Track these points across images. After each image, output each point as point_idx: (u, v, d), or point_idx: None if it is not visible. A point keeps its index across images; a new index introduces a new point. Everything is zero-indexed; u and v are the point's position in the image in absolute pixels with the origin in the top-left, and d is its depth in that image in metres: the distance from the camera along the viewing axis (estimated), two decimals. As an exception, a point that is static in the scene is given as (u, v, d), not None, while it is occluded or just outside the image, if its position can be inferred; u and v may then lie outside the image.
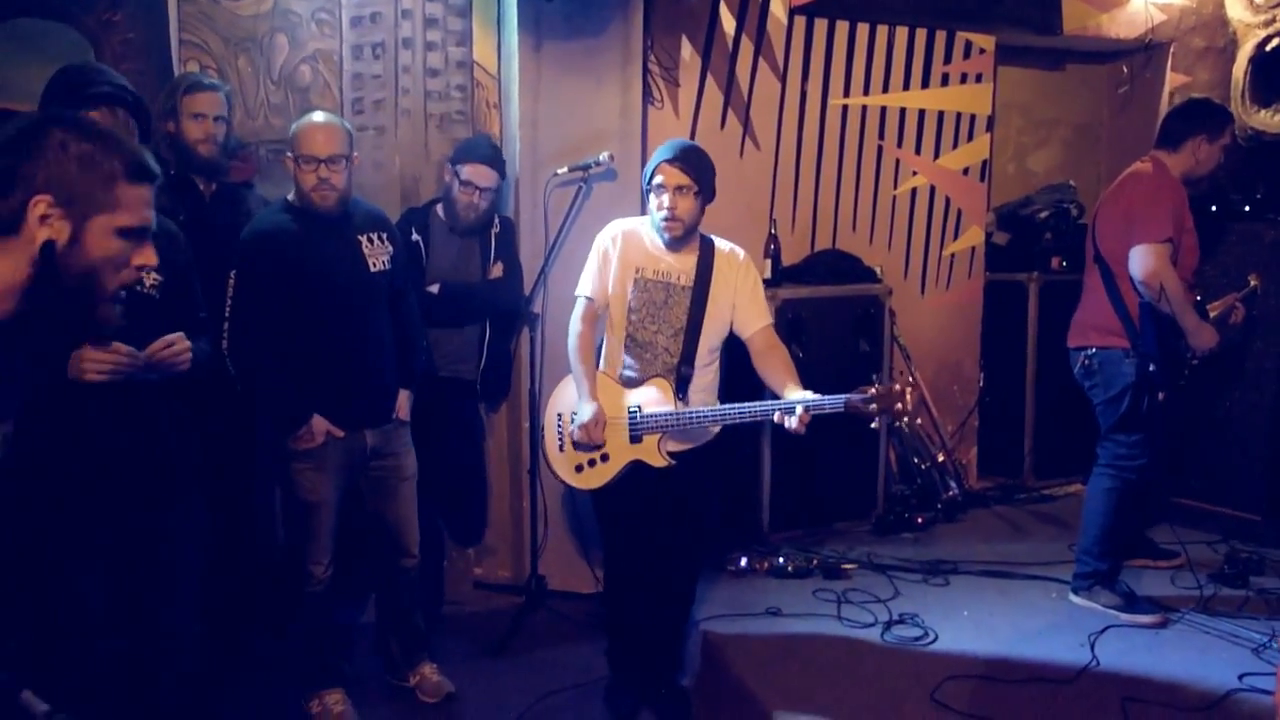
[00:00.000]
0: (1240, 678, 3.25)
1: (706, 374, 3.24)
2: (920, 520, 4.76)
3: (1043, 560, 4.31)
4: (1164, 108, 5.37)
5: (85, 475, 2.39)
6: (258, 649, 3.64)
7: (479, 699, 3.53)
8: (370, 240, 3.24)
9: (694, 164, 3.12)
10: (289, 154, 3.12)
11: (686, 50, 4.58)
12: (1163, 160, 3.85)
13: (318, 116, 3.16)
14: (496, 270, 3.93)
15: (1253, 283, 4.43)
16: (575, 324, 3.25)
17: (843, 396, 2.97)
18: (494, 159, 3.85)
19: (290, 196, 3.20)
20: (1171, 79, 5.60)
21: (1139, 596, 3.86)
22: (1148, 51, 5.67)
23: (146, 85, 3.67)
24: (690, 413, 3.14)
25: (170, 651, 2.59)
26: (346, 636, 3.62)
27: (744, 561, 4.22)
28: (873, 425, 3.07)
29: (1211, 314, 3.99)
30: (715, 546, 4.24)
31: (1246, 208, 4.95)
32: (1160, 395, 3.72)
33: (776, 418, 3.00)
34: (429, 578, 3.81)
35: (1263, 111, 5.25)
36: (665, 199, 3.10)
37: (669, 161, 3.11)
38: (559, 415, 3.28)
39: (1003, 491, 5.30)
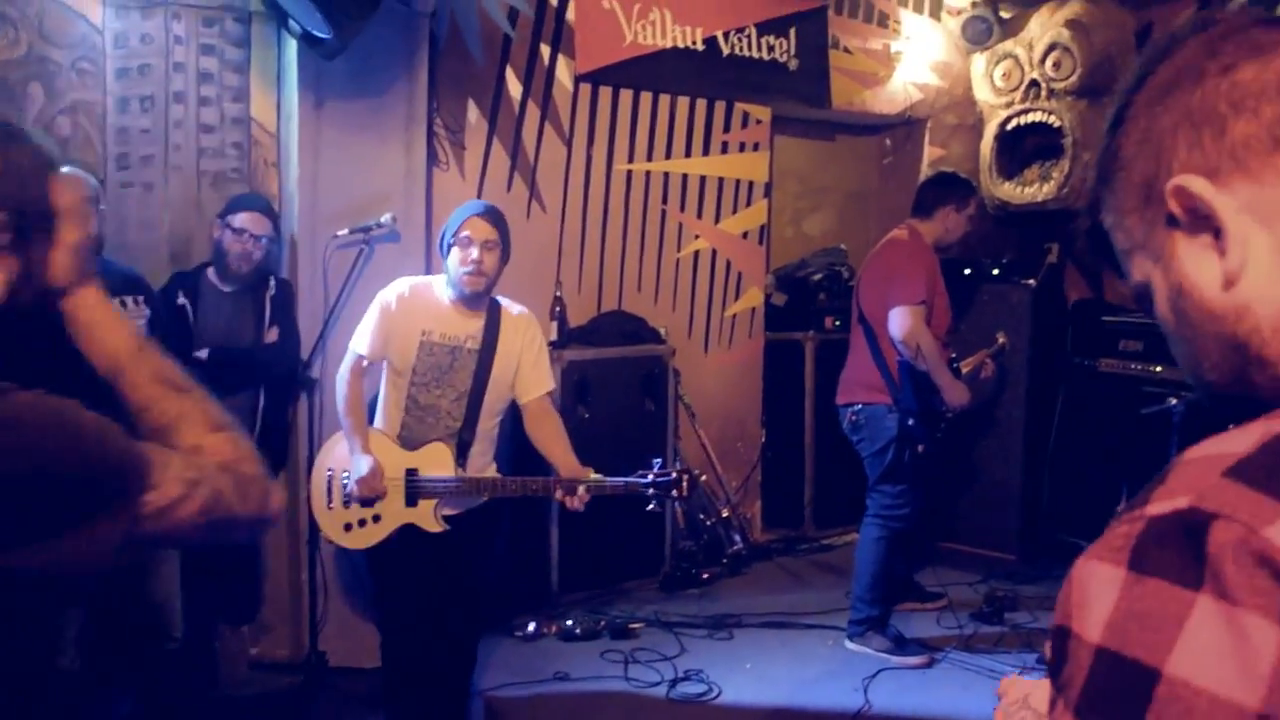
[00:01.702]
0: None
1: (487, 438, 3.25)
2: (706, 576, 4.87)
3: (822, 609, 4.50)
4: (923, 177, 5.79)
5: None
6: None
7: (252, 787, 3.35)
8: (123, 304, 3.09)
9: (501, 223, 3.17)
10: None
11: (473, 113, 4.62)
12: (917, 228, 4.15)
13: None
14: (271, 334, 3.80)
15: (1000, 340, 4.82)
16: (345, 376, 3.20)
17: (623, 479, 3.07)
18: (268, 209, 3.75)
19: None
20: (929, 152, 6.06)
21: (908, 639, 4.09)
22: (908, 126, 6.12)
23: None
24: (471, 480, 3.12)
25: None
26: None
27: (532, 626, 4.20)
28: (649, 508, 3.15)
29: (964, 370, 4.32)
30: (503, 611, 4.21)
31: (995, 271, 5.39)
32: (920, 447, 3.98)
33: (558, 495, 3.03)
34: (200, 660, 3.59)
35: (1007, 184, 5.75)
36: (474, 252, 3.09)
37: (479, 215, 3.14)
38: (329, 471, 3.21)
39: (786, 543, 5.50)
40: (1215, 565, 0.54)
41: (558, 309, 4.64)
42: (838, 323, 5.52)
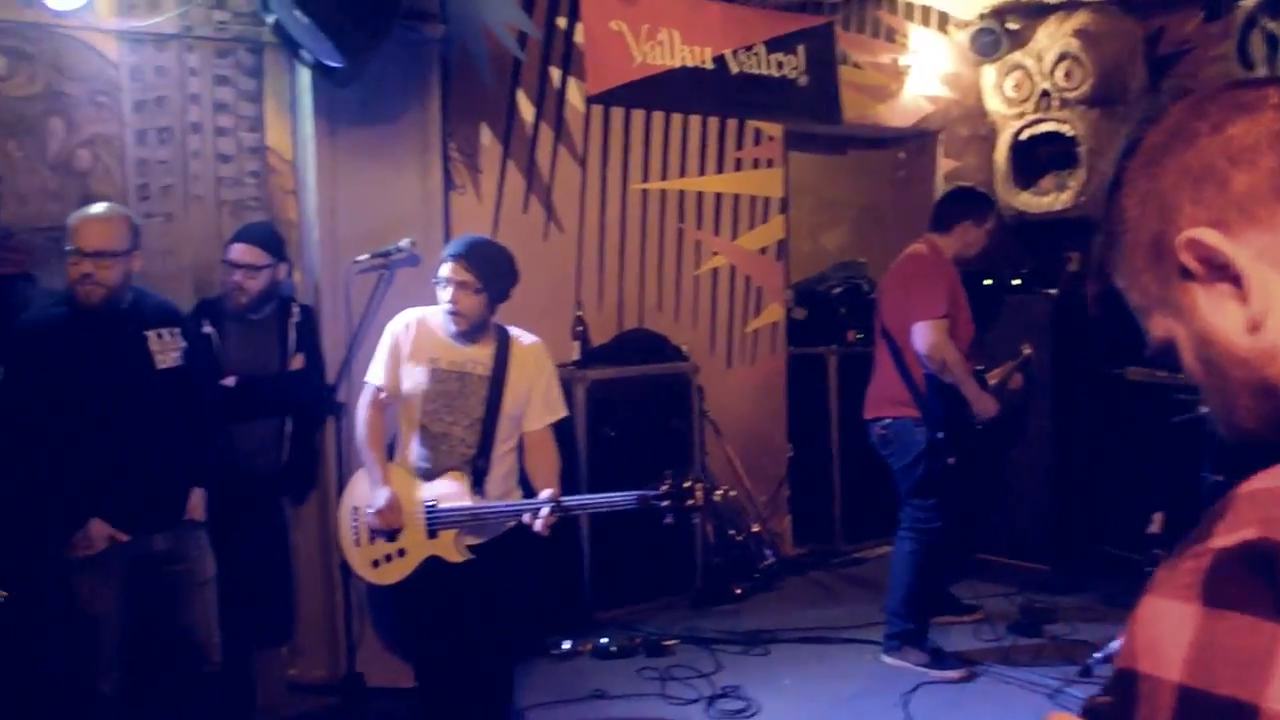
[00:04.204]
0: (1040, 723, 3.41)
1: (504, 464, 3.20)
2: (739, 591, 4.83)
3: (857, 623, 4.44)
4: (938, 189, 5.78)
5: None
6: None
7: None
8: (159, 336, 3.07)
9: (478, 262, 3.12)
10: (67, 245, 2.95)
11: (486, 137, 4.62)
12: (936, 242, 4.12)
13: (95, 208, 3.00)
14: (297, 361, 3.78)
15: (1026, 351, 4.77)
16: (362, 411, 3.21)
17: (635, 494, 3.03)
18: (259, 238, 3.69)
19: (69, 288, 3.01)
20: (943, 164, 6.06)
21: (946, 653, 4.02)
22: (921, 139, 6.12)
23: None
24: (488, 507, 3.08)
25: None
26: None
27: (567, 644, 4.16)
28: (666, 520, 3.09)
29: (991, 382, 4.27)
30: (537, 630, 4.16)
31: (1016, 281, 5.36)
32: (950, 460, 3.94)
33: (525, 518, 3.00)
34: (237, 682, 3.54)
35: (1023, 193, 5.74)
36: (448, 293, 3.09)
37: (454, 257, 3.12)
38: (354, 509, 3.19)
39: (817, 557, 5.45)
40: None
41: (579, 329, 4.63)
42: (860, 336, 5.49)
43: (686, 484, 3.07)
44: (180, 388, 3.12)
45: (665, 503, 3.04)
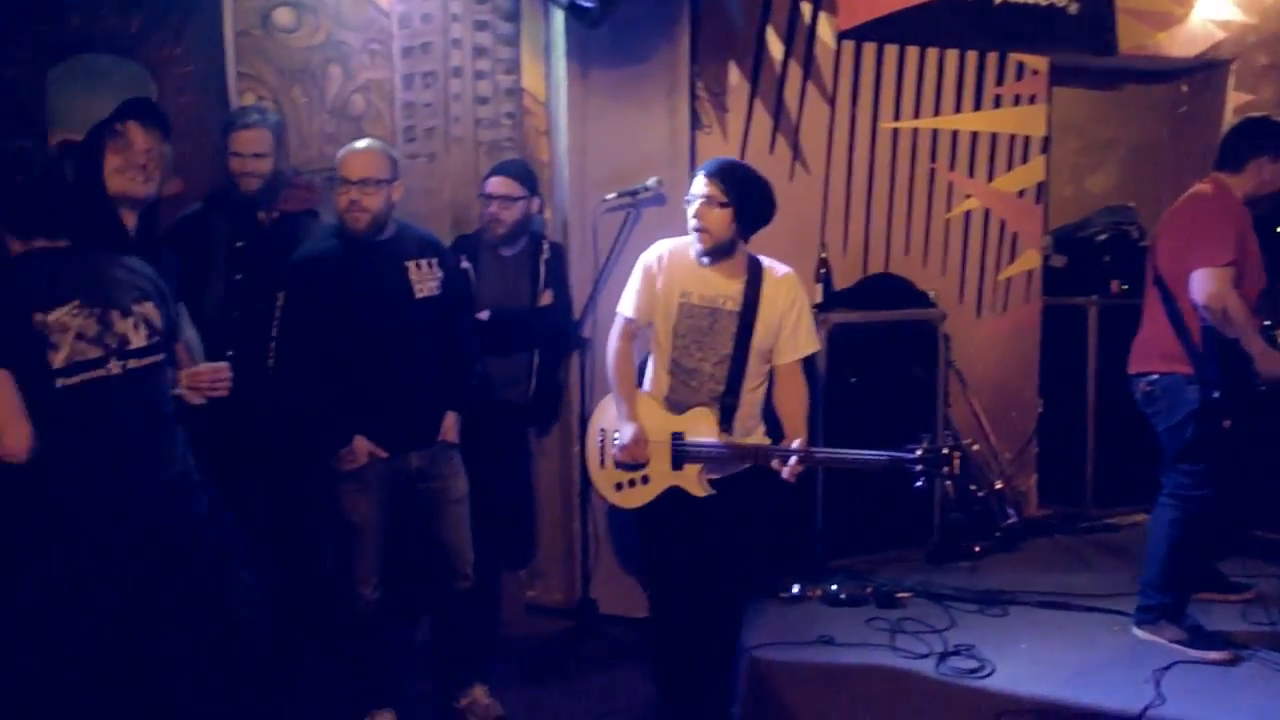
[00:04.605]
0: (1317, 718, 3.13)
1: (752, 399, 3.19)
2: (977, 549, 4.66)
3: (1105, 592, 4.19)
4: (1227, 127, 5.24)
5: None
6: (310, 667, 3.65)
7: (528, 724, 3.50)
8: (418, 266, 3.27)
9: (728, 178, 3.08)
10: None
11: (734, 75, 4.58)
12: (1224, 181, 3.74)
13: (358, 143, 3.24)
14: (546, 298, 3.94)
15: (1323, 306, 4.28)
16: (614, 341, 3.25)
17: (887, 454, 2.95)
18: (514, 171, 3.86)
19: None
20: (1234, 97, 5.49)
21: (1207, 631, 3.73)
22: (1208, 70, 5.56)
23: (204, 117, 3.77)
24: (735, 448, 3.09)
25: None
26: (398, 657, 3.62)
27: (796, 588, 4.16)
28: (916, 484, 2.99)
29: (1280, 339, 3.86)
30: (767, 572, 4.19)
31: (1316, 229, 4.80)
32: (1226, 423, 3.60)
33: (774, 464, 3.00)
34: (484, 600, 3.79)
35: (1332, 130, 5.10)
36: (695, 207, 3.09)
37: (703, 173, 3.12)
38: (601, 431, 3.28)
39: (1063, 520, 5.17)
40: None
41: (823, 271, 4.56)
42: (1125, 287, 5.11)
43: (945, 450, 2.96)
44: (437, 316, 3.31)
45: (919, 468, 2.96)
